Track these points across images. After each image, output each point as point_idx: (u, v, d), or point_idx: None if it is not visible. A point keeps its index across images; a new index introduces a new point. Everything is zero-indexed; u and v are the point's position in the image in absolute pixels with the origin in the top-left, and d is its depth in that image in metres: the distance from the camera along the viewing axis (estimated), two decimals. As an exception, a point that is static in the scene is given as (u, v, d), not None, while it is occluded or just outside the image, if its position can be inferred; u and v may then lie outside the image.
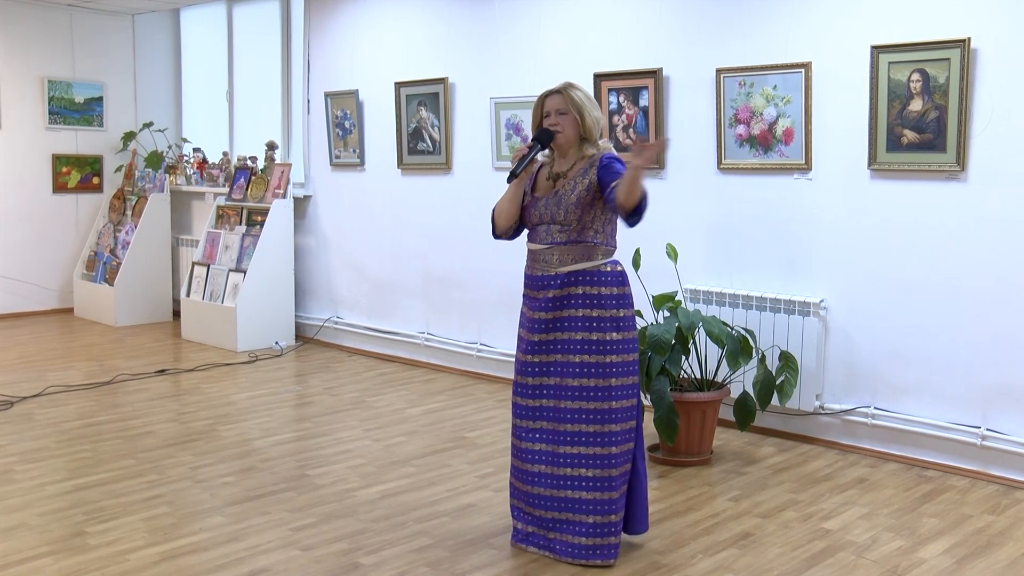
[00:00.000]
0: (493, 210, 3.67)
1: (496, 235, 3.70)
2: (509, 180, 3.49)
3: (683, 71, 5.38)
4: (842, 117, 4.81)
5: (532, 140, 3.51)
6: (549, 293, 3.47)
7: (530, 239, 3.58)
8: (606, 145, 3.55)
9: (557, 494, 3.47)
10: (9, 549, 3.55)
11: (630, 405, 3.46)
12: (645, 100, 5.48)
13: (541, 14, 6.04)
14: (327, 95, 7.41)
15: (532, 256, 3.56)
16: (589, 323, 3.42)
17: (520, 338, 3.60)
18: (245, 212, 7.71)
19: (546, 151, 3.58)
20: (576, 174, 3.47)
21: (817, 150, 4.92)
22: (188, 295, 7.76)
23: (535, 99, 3.58)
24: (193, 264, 7.83)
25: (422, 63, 6.73)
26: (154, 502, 4.07)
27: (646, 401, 4.54)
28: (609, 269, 3.47)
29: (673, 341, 4.53)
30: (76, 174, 8.86)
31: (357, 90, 7.20)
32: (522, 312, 3.60)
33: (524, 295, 3.60)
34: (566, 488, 3.46)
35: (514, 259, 3.69)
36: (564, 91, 3.48)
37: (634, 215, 3.30)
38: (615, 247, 3.54)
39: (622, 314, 3.46)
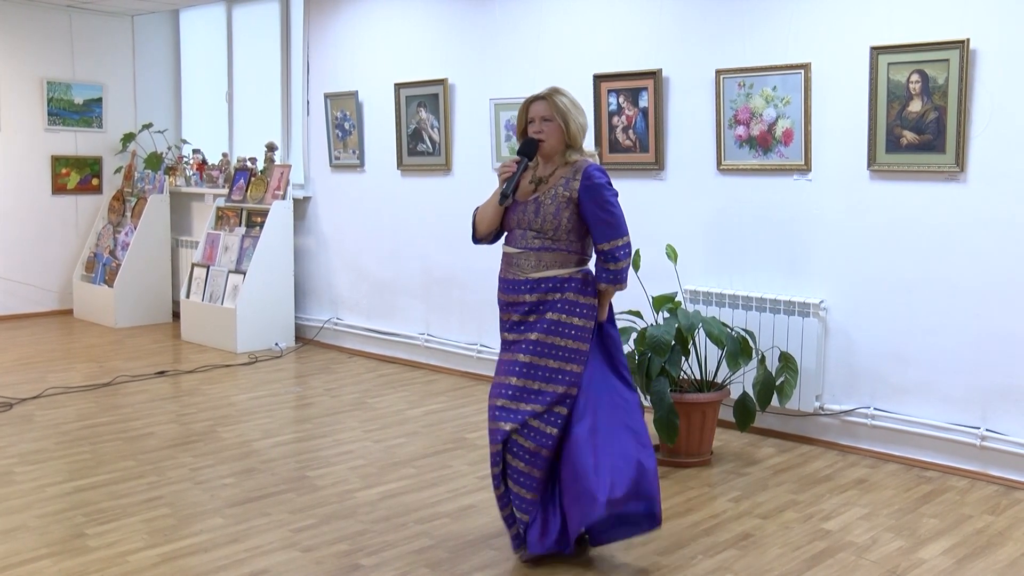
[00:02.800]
0: (474, 214, 3.64)
1: (476, 240, 3.69)
2: (501, 202, 3.46)
3: (683, 72, 5.38)
4: (841, 118, 4.81)
5: (518, 154, 3.49)
6: (521, 298, 3.45)
7: (507, 242, 3.56)
8: (591, 152, 3.53)
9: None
10: (9, 551, 3.55)
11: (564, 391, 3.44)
12: (645, 101, 5.48)
13: (541, 15, 6.04)
14: (327, 96, 7.41)
15: (507, 259, 3.53)
16: (552, 326, 3.40)
17: (503, 341, 3.58)
18: (245, 213, 7.71)
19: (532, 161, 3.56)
20: (557, 182, 3.44)
21: (816, 151, 4.92)
22: (188, 296, 7.76)
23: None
24: (193, 265, 7.83)
25: (422, 64, 6.74)
26: (154, 503, 4.07)
27: (646, 402, 4.54)
28: (581, 277, 3.46)
29: (673, 342, 4.53)
30: (75, 175, 8.86)
31: (357, 91, 7.20)
32: (500, 318, 3.59)
33: (499, 301, 3.57)
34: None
35: (514, 260, 3.69)
36: (549, 97, 3.45)
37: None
38: (590, 256, 3.53)
39: (591, 325, 3.45)
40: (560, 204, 3.40)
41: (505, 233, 3.61)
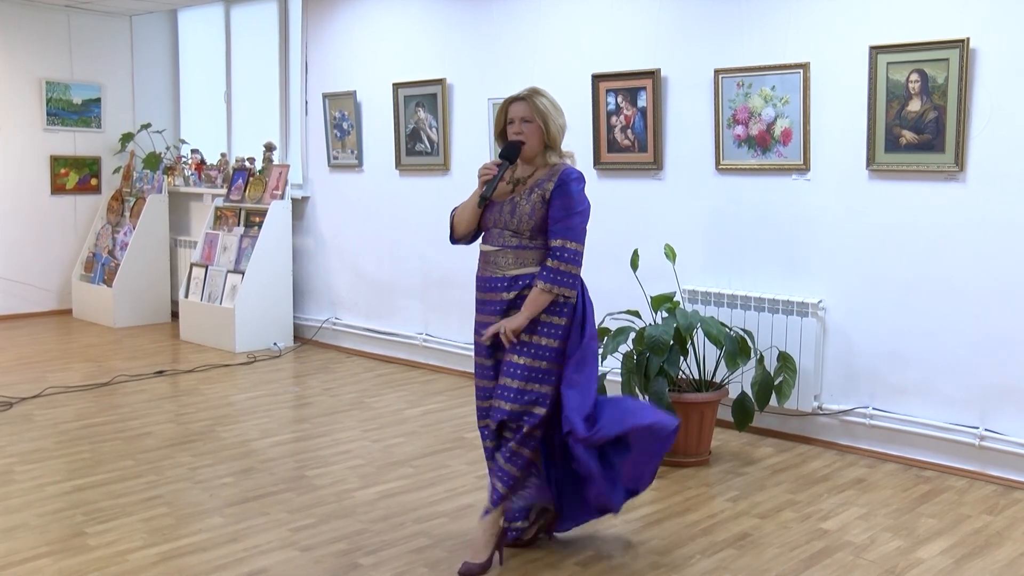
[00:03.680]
0: (452, 214, 3.63)
1: (454, 240, 3.67)
2: (480, 204, 3.44)
3: (681, 72, 5.38)
4: (840, 117, 4.82)
5: (500, 157, 3.48)
6: (498, 296, 3.44)
7: (484, 240, 3.55)
8: (568, 153, 3.52)
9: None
10: (9, 550, 3.55)
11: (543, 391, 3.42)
12: (643, 101, 5.48)
13: (539, 15, 6.04)
14: (325, 96, 7.41)
15: (484, 258, 3.52)
16: (535, 326, 3.37)
17: (475, 343, 3.57)
18: (243, 213, 7.71)
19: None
20: (535, 183, 3.43)
21: (815, 150, 4.92)
22: (186, 296, 7.76)
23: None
24: (191, 265, 7.83)
25: (420, 64, 6.74)
26: (153, 503, 4.07)
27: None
28: None
29: (671, 342, 4.53)
30: (74, 175, 8.85)
31: (355, 91, 7.20)
32: (476, 320, 3.57)
33: (476, 299, 3.55)
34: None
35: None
36: (528, 98, 3.44)
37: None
38: None
39: (564, 323, 3.40)
40: (535, 205, 3.39)
41: (482, 233, 3.60)
